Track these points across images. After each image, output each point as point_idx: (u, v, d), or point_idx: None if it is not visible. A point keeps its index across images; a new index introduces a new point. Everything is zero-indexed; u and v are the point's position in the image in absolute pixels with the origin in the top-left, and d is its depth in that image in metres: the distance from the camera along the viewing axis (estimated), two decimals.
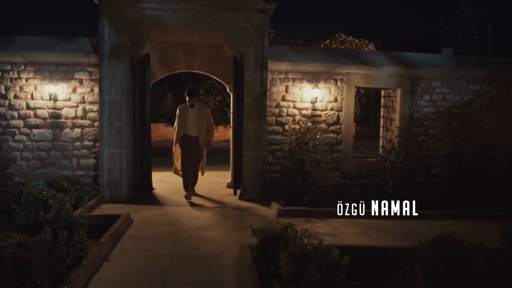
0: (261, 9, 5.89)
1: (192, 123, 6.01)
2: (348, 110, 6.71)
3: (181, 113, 6.09)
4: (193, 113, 6.02)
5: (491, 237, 3.48)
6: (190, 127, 6.02)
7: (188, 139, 6.03)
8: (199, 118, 6.01)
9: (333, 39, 16.23)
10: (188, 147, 6.03)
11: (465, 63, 7.11)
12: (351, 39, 15.93)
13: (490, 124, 7.05)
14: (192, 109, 6.03)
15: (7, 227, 5.00)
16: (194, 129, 6.02)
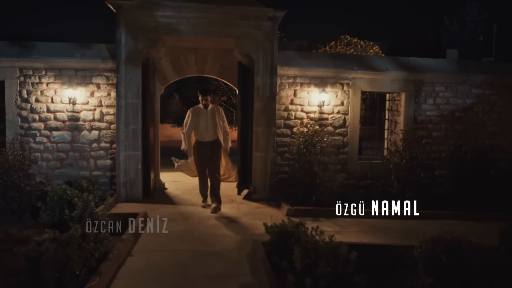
0: (271, 17, 6.15)
1: (206, 127, 5.49)
2: (354, 114, 6.95)
3: (192, 116, 5.58)
4: (207, 115, 5.50)
5: (490, 236, 3.71)
6: (204, 131, 5.50)
7: (202, 145, 5.51)
8: (214, 120, 5.49)
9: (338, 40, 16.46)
10: (203, 155, 5.51)
11: (467, 68, 7.32)
12: (356, 40, 16.16)
13: (492, 127, 7.26)
14: (206, 111, 5.53)
15: (31, 224, 5.33)
16: (209, 133, 5.50)
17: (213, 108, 5.61)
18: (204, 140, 5.51)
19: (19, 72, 6.11)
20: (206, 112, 5.53)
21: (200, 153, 5.55)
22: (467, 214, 5.67)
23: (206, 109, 5.54)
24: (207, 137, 5.51)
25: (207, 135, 5.51)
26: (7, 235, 4.92)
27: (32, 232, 5.07)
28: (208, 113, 5.53)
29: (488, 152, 6.99)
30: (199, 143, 5.55)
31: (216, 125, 5.52)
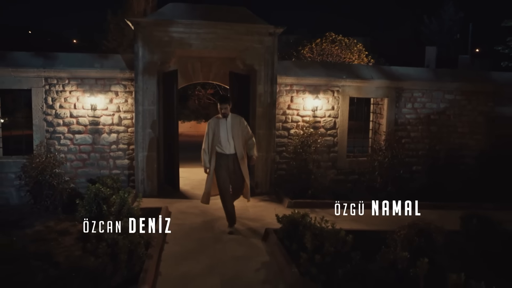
0: (272, 33, 6.96)
1: (227, 138, 4.99)
2: (343, 117, 7.86)
3: (212, 127, 5.07)
4: (227, 126, 5.02)
5: (455, 222, 4.70)
6: (225, 144, 4.99)
7: (224, 157, 5.02)
8: (236, 131, 5.02)
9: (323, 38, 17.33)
10: (225, 168, 5.01)
11: (442, 76, 8.32)
12: (341, 38, 17.03)
13: (462, 128, 8.30)
14: (226, 121, 5.02)
15: (64, 218, 6.04)
16: (231, 145, 5.01)
17: (234, 118, 5.10)
18: (226, 152, 5.03)
19: (45, 81, 6.74)
20: (226, 122, 5.03)
21: (222, 165, 5.01)
22: (438, 204, 6.67)
23: (226, 119, 5.02)
24: (229, 150, 5.03)
25: (228, 147, 5.02)
26: (47, 228, 5.63)
27: (68, 225, 5.81)
28: (228, 123, 5.03)
29: (458, 150, 8.07)
30: (220, 155, 5.02)
31: (239, 136, 5.03)
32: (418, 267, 3.20)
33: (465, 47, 27.65)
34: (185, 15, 6.82)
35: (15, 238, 4.51)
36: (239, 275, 3.84)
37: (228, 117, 5.05)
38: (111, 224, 4.41)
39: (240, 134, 5.09)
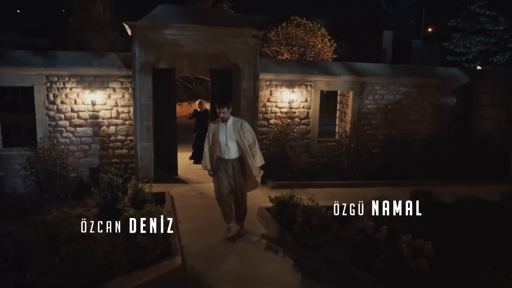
0: (255, 35, 7.84)
1: (227, 143, 4.79)
2: (315, 108, 9.00)
3: (212, 131, 4.93)
4: (227, 130, 4.79)
5: (407, 197, 6.01)
6: (224, 148, 4.80)
7: (223, 162, 4.87)
8: (235, 135, 4.80)
9: (289, 21, 18.22)
10: (222, 173, 4.89)
11: (397, 71, 9.63)
12: (305, 21, 17.97)
13: (413, 116, 9.74)
14: (225, 125, 4.80)
15: (76, 204, 6.79)
16: (231, 150, 4.82)
17: (235, 122, 4.87)
18: (228, 157, 4.85)
19: (46, 78, 7.26)
20: (225, 127, 4.80)
21: (221, 169, 4.90)
22: (394, 182, 8.06)
23: (226, 123, 4.79)
24: (228, 155, 4.84)
25: (228, 152, 4.83)
26: (64, 213, 6.39)
27: (81, 210, 6.58)
28: (229, 127, 4.80)
29: (410, 135, 9.55)
30: (220, 160, 4.90)
31: (240, 141, 4.81)
32: (380, 232, 4.41)
33: (418, 32, 29.69)
34: (176, 18, 7.51)
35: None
36: (246, 244, 4.93)
37: (229, 121, 4.81)
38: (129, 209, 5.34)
39: (242, 139, 4.81)
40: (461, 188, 7.41)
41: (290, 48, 16.89)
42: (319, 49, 16.78)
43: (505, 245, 4.67)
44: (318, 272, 4.28)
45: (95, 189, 6.20)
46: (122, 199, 6.14)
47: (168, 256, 4.35)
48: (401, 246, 3.94)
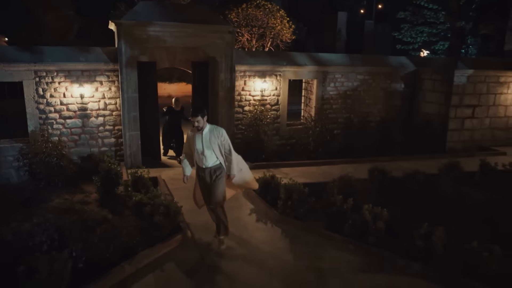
0: (231, 31, 8.61)
1: (203, 152, 4.75)
2: (283, 96, 10.02)
3: (189, 139, 4.95)
4: (202, 139, 4.74)
5: (365, 172, 7.29)
6: (201, 157, 4.79)
7: (201, 171, 4.92)
8: (211, 144, 4.75)
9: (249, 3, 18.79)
10: (202, 181, 4.97)
11: (355, 61, 10.83)
12: (264, 3, 18.63)
13: (368, 100, 11.07)
14: (201, 134, 4.74)
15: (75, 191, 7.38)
16: (206, 159, 4.78)
17: (211, 130, 4.80)
18: (204, 165, 4.85)
19: (34, 74, 7.61)
20: (201, 136, 4.76)
21: (199, 177, 5.00)
22: (353, 159, 9.38)
23: (201, 132, 4.75)
24: (204, 164, 4.84)
25: (205, 160, 4.81)
26: (66, 200, 6.99)
27: (81, 196, 7.21)
28: (205, 136, 4.75)
29: (366, 117, 10.89)
30: (199, 168, 4.95)
31: (215, 149, 4.78)
32: (347, 203, 5.60)
33: (370, 13, 31.37)
34: (157, 14, 8.07)
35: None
36: (239, 218, 5.94)
37: (205, 129, 4.76)
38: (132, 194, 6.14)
39: (218, 147, 4.81)
40: (407, 163, 8.87)
41: (250, 29, 17.58)
42: (278, 31, 17.56)
43: (438, 208, 6.07)
44: (301, 237, 5.40)
45: (95, 176, 6.85)
46: (123, 184, 6.87)
47: (179, 231, 5.27)
48: (364, 213, 5.14)
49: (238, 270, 4.53)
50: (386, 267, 4.62)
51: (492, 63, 10.70)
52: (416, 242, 4.63)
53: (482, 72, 10.22)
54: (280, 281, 4.32)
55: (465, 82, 10.19)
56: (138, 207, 5.56)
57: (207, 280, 4.34)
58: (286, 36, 17.88)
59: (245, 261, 4.69)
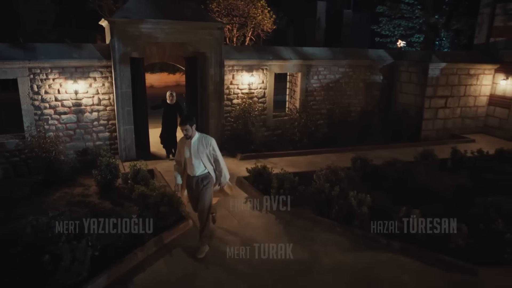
0: (219, 27, 8.94)
1: (191, 160, 4.84)
2: (270, 88, 10.47)
3: (179, 146, 5.03)
4: (191, 147, 4.82)
5: (348, 161, 7.89)
6: (189, 165, 4.91)
7: (190, 179, 5.03)
8: (200, 152, 4.81)
9: None
10: (191, 190, 5.09)
11: (336, 54, 11.35)
12: None
13: (349, 92, 11.66)
14: (190, 142, 4.82)
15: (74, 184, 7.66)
16: (194, 168, 4.87)
17: (199, 139, 4.87)
18: (192, 174, 4.96)
19: (29, 71, 7.76)
20: (190, 144, 4.84)
21: (188, 185, 5.11)
22: (336, 149, 9.98)
23: (190, 140, 4.83)
24: (193, 172, 4.93)
25: (193, 169, 4.91)
26: (66, 193, 7.27)
27: (81, 189, 7.51)
28: (193, 144, 4.83)
29: (347, 108, 11.50)
30: (188, 176, 5.05)
31: (203, 158, 4.85)
32: (334, 191, 6.16)
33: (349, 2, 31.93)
34: (148, 11, 8.31)
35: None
36: (235, 206, 6.42)
37: (193, 138, 4.84)
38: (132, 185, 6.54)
39: (206, 157, 4.87)
40: (386, 152, 9.55)
41: (231, 18, 17.80)
42: (259, 20, 17.85)
43: (415, 192, 6.73)
44: (294, 222, 5.95)
45: (95, 170, 7.17)
46: (123, 177, 7.21)
47: (181, 220, 5.72)
48: (350, 199, 5.73)
49: (240, 253, 5.03)
50: (370, 246, 5.23)
51: (463, 56, 11.46)
52: (397, 224, 5.25)
53: (454, 65, 10.96)
54: (278, 262, 4.86)
55: (439, 75, 10.91)
56: (142, 198, 5.97)
57: (213, 262, 4.84)
58: (267, 26, 18.18)
59: (245, 244, 5.20)
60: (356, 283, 4.51)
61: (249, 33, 18.25)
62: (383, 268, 4.76)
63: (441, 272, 4.65)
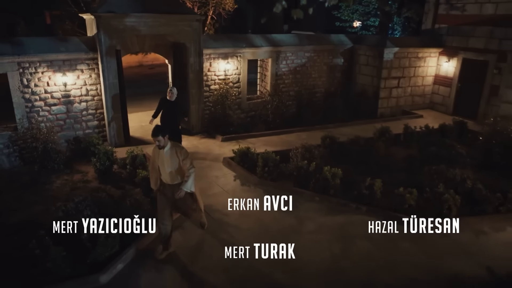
0: (198, 19, 9.59)
1: (165, 169, 5.02)
2: (243, 74, 11.33)
3: (153, 155, 5.15)
4: (164, 157, 4.98)
5: (317, 139, 9.08)
6: (162, 173, 5.09)
7: (164, 186, 5.20)
8: (173, 162, 4.99)
9: None
10: (163, 195, 5.23)
11: (302, 40, 12.35)
12: None
13: (314, 75, 12.79)
14: (163, 152, 4.97)
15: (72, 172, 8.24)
16: (167, 176, 5.07)
17: (172, 148, 5.02)
18: (167, 182, 5.15)
19: (18, 65, 8.05)
20: (163, 154, 4.99)
21: (162, 192, 5.24)
22: (305, 128, 11.14)
23: (163, 150, 4.98)
24: (166, 180, 5.13)
25: (166, 177, 5.11)
26: (66, 181, 7.86)
27: (79, 176, 8.11)
28: (166, 154, 4.98)
29: (312, 89, 12.65)
30: (162, 183, 5.23)
31: (176, 167, 5.03)
32: (311, 166, 7.32)
33: None
34: (133, 6, 8.75)
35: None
36: (227, 183, 7.42)
37: (166, 148, 4.98)
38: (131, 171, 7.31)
39: (179, 166, 5.04)
40: (349, 129, 10.87)
41: None
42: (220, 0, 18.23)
43: (375, 164, 8.07)
44: (278, 194, 7.07)
45: (93, 158, 7.81)
46: (121, 163, 7.92)
47: None
48: (325, 173, 6.92)
49: (240, 221, 6.09)
50: (343, 210, 6.49)
51: (412, 41, 12.90)
52: (363, 191, 6.53)
53: (405, 49, 12.37)
54: (273, 226, 5.98)
55: (392, 58, 12.28)
56: (145, 181, 6.78)
57: (219, 230, 5.86)
58: (228, 5, 18.65)
59: (243, 215, 6.25)
60: (335, 239, 5.74)
61: (210, 12, 18.61)
62: (354, 226, 6.04)
63: (399, 226, 6.00)
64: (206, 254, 5.37)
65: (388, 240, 5.69)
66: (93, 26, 8.71)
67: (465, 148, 8.69)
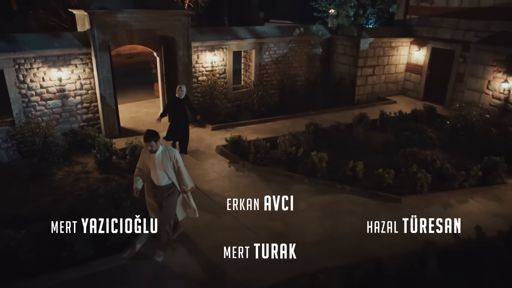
0: (187, 14, 9.99)
1: (156, 172, 5.08)
2: (229, 65, 11.84)
3: (142, 157, 5.21)
4: (156, 160, 5.03)
5: (302, 126, 9.80)
6: (153, 175, 5.14)
7: (154, 186, 5.29)
8: (164, 165, 5.05)
9: None
10: (151, 195, 5.41)
11: (284, 32, 12.92)
12: None
13: (295, 64, 13.44)
14: (155, 155, 5.02)
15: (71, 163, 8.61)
16: (159, 178, 5.12)
17: (164, 152, 5.09)
18: (157, 184, 5.22)
19: (13, 61, 8.27)
20: (154, 157, 5.03)
21: (150, 192, 5.39)
22: (289, 115, 11.82)
23: (154, 154, 5.02)
24: (157, 182, 5.20)
25: (156, 179, 5.18)
26: (68, 172, 8.25)
27: (80, 168, 8.50)
28: (158, 158, 5.04)
29: (294, 78, 13.33)
30: (154, 186, 5.29)
31: (167, 170, 5.10)
32: (299, 152, 8.04)
33: None
34: (124, 1, 9.05)
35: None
36: (223, 169, 8.04)
37: (157, 151, 5.03)
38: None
39: (170, 168, 5.13)
40: (329, 115, 11.67)
41: None
42: None
43: (355, 148, 8.89)
44: (271, 178, 7.77)
45: (93, 150, 8.22)
46: (120, 155, 8.36)
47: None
48: (312, 158, 7.66)
49: (239, 204, 6.75)
50: (330, 190, 7.28)
51: (386, 31, 13.74)
52: (347, 173, 7.33)
53: (380, 39, 13.19)
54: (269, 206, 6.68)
55: (368, 48, 13.09)
56: None
57: (222, 212, 6.51)
58: None
59: (241, 197, 6.91)
60: (325, 216, 6.52)
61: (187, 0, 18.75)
62: (341, 204, 6.84)
63: (379, 203, 6.85)
64: (214, 232, 6.02)
65: (370, 215, 6.51)
66: (86, 22, 8.98)
67: (434, 131, 9.64)
